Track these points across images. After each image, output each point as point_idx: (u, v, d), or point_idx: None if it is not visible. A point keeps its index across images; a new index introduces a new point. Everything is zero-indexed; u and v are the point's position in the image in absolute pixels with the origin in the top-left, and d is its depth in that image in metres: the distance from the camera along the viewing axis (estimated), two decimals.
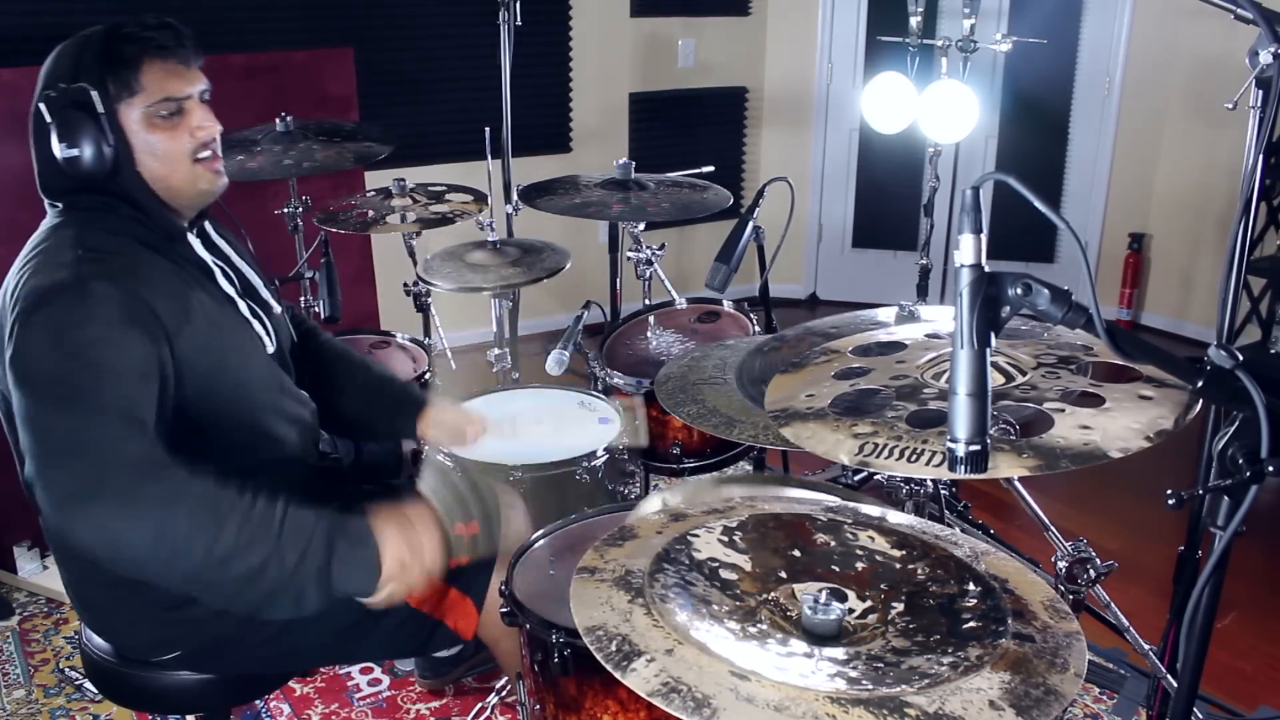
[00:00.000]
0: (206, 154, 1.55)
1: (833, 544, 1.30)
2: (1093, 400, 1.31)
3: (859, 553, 1.29)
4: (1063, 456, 1.19)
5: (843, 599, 1.17)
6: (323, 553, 1.37)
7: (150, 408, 1.38)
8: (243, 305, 1.64)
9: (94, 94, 1.46)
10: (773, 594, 1.20)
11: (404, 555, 1.42)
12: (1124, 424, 1.24)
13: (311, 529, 1.37)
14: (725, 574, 1.23)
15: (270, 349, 1.67)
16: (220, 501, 1.33)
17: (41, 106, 1.48)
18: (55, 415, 1.32)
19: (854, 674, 1.04)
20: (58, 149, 1.46)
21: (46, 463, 1.30)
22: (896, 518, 1.38)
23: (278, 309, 1.75)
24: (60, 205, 1.54)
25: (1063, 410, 1.29)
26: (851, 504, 1.43)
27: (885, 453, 1.26)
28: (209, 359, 1.50)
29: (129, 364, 1.37)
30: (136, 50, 1.50)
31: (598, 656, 1.06)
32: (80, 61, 1.49)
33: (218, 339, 1.53)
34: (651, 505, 1.54)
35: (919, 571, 1.24)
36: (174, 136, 1.52)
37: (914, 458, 1.23)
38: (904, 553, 1.28)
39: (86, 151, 1.46)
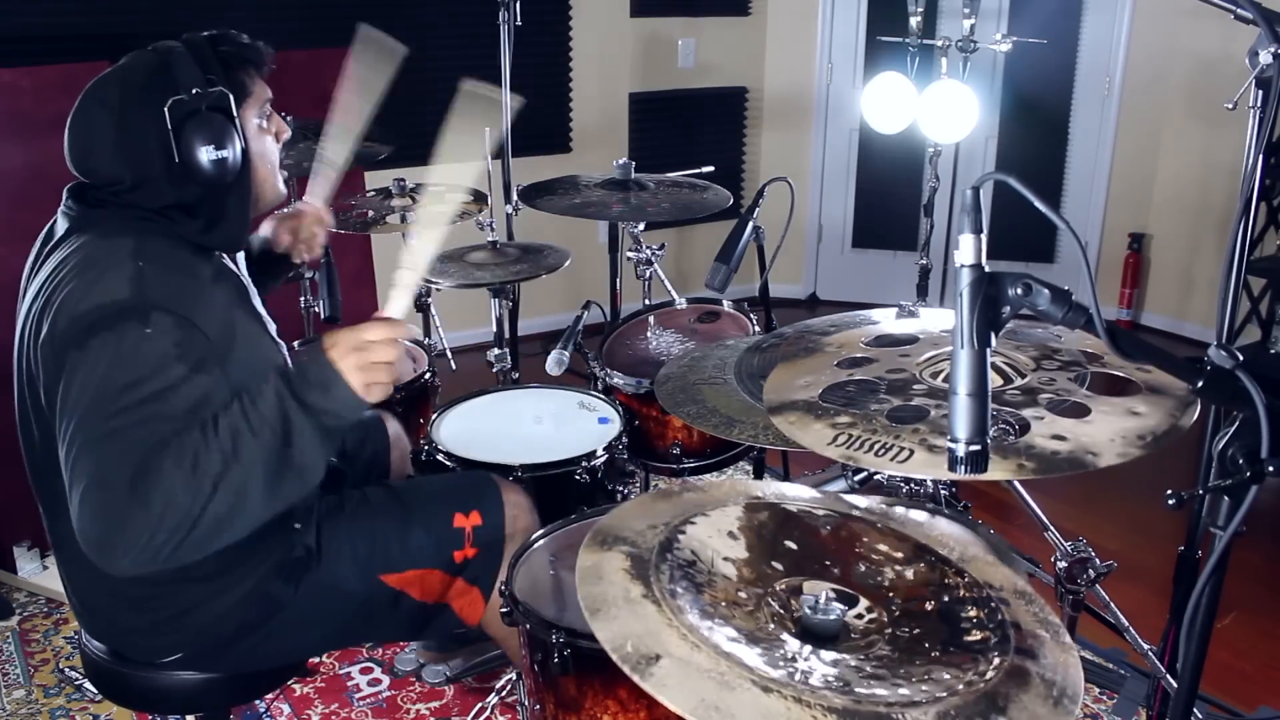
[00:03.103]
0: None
1: (833, 541, 1.30)
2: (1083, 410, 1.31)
3: (860, 552, 1.29)
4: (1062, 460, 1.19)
5: (844, 600, 1.17)
6: (297, 408, 1.35)
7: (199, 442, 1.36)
8: (272, 326, 1.66)
9: (231, 98, 1.49)
10: (774, 590, 1.19)
11: (361, 365, 1.38)
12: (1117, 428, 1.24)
13: (273, 399, 1.35)
14: (724, 568, 1.22)
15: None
16: (196, 449, 1.30)
17: (168, 114, 1.44)
18: (88, 457, 1.31)
19: (854, 680, 1.04)
20: (205, 152, 1.45)
21: (80, 504, 1.30)
22: (897, 517, 1.38)
23: None
24: (109, 208, 1.50)
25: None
26: (848, 499, 1.43)
27: (858, 446, 1.26)
28: (242, 374, 1.48)
29: (176, 404, 1.34)
30: (243, 58, 1.55)
31: (636, 678, 1.03)
32: (206, 67, 1.50)
33: (255, 358, 1.53)
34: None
35: (918, 574, 1.24)
36: (268, 138, 1.59)
37: (882, 452, 1.24)
38: (904, 554, 1.28)
39: (231, 153, 1.47)
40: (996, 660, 1.08)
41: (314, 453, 1.37)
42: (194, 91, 1.46)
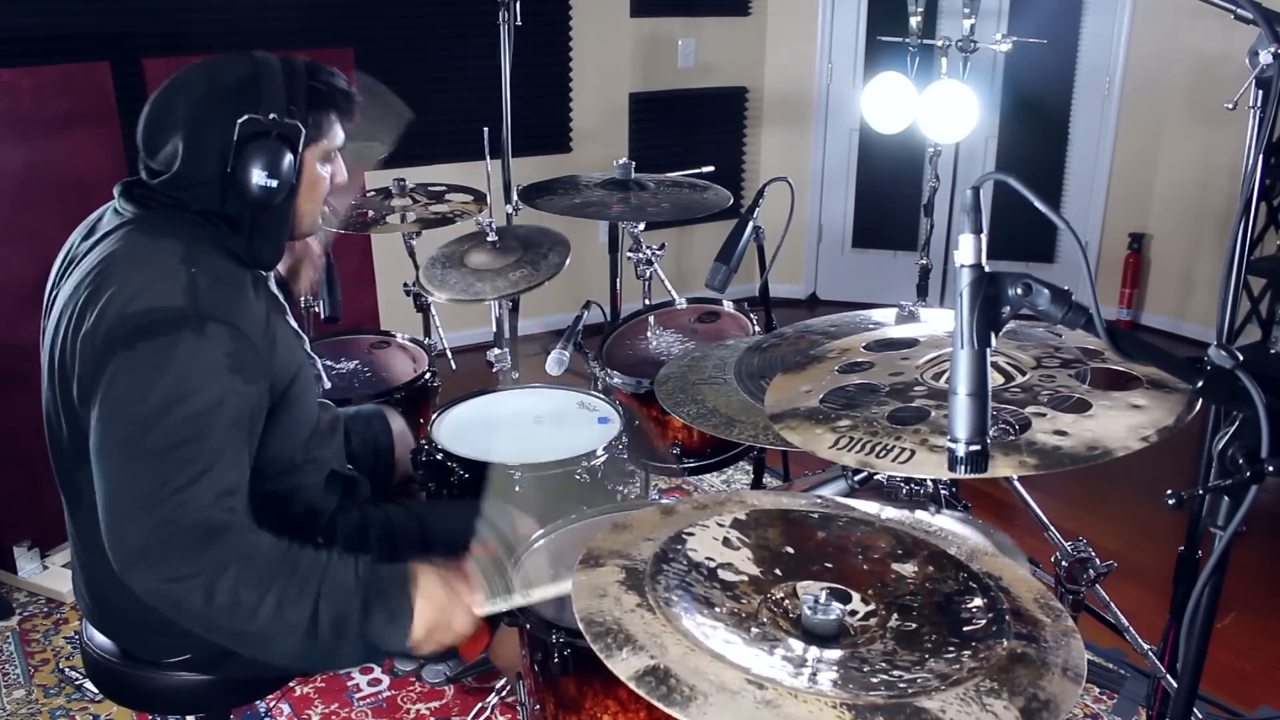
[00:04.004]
0: None
1: (828, 542, 1.30)
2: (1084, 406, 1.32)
3: (854, 550, 1.29)
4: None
5: (843, 599, 1.17)
6: (359, 617, 1.40)
7: (237, 457, 1.39)
8: (307, 342, 1.68)
9: (303, 134, 1.48)
10: (772, 593, 1.20)
11: (435, 623, 1.44)
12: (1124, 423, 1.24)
13: (351, 592, 1.40)
14: (724, 573, 1.22)
15: (325, 386, 1.70)
16: (269, 565, 1.35)
17: (238, 126, 1.44)
18: (136, 467, 1.32)
19: (859, 677, 1.04)
20: (257, 174, 1.45)
21: (117, 513, 1.33)
22: (889, 513, 1.38)
23: None
24: (156, 208, 1.50)
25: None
26: (845, 502, 1.43)
27: (859, 447, 1.27)
28: (281, 386, 1.51)
29: (224, 416, 1.36)
30: (330, 100, 1.55)
31: (594, 647, 1.06)
32: (292, 96, 1.49)
33: (290, 367, 1.54)
34: None
35: (915, 569, 1.25)
36: (325, 178, 1.59)
37: (883, 453, 1.24)
38: (899, 550, 1.28)
39: (281, 185, 1.47)
40: (998, 645, 1.08)
41: (337, 659, 1.43)
42: (271, 116, 1.46)
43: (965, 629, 1.12)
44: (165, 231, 1.48)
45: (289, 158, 1.47)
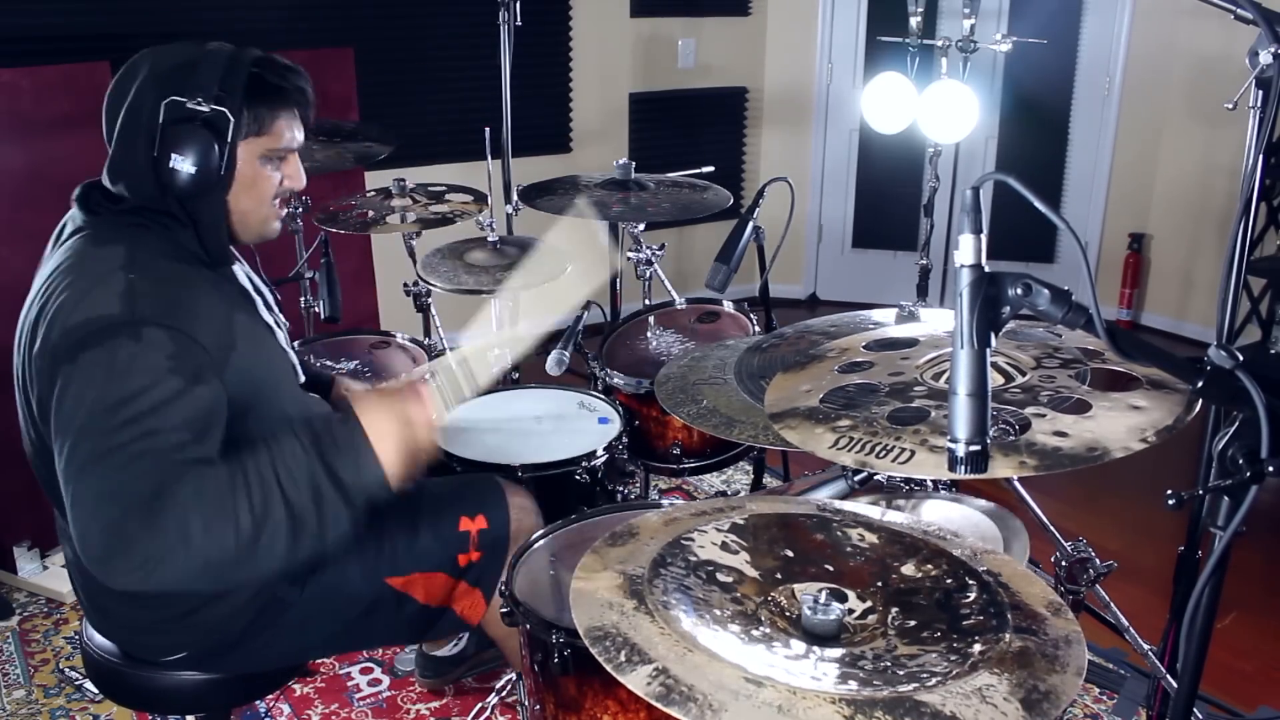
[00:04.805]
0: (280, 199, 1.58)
1: (826, 543, 1.30)
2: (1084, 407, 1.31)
3: (851, 551, 1.29)
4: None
5: (841, 599, 1.17)
6: (327, 481, 1.35)
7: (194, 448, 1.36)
8: (281, 335, 1.66)
9: (232, 124, 1.45)
10: (771, 595, 1.20)
11: (398, 447, 1.40)
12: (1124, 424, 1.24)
13: (306, 463, 1.35)
14: (723, 576, 1.22)
15: (301, 379, 1.68)
16: (223, 492, 1.31)
17: (163, 109, 1.43)
18: (88, 476, 1.31)
19: (861, 674, 1.04)
20: (175, 160, 1.43)
21: (80, 522, 1.31)
22: (888, 515, 1.38)
23: None
24: (104, 214, 1.50)
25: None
26: (843, 504, 1.43)
27: (859, 448, 1.27)
28: (249, 383, 1.48)
29: (172, 418, 1.33)
30: (279, 96, 1.51)
31: (601, 661, 1.06)
32: (225, 84, 1.46)
33: (258, 363, 1.52)
34: None
35: (914, 568, 1.25)
36: (271, 178, 1.55)
37: (883, 453, 1.24)
38: (897, 549, 1.28)
39: (201, 172, 1.44)
40: (997, 639, 1.08)
41: (339, 524, 1.37)
42: (198, 100, 1.44)
43: (965, 623, 1.13)
44: (109, 238, 1.46)
45: (212, 146, 1.44)
